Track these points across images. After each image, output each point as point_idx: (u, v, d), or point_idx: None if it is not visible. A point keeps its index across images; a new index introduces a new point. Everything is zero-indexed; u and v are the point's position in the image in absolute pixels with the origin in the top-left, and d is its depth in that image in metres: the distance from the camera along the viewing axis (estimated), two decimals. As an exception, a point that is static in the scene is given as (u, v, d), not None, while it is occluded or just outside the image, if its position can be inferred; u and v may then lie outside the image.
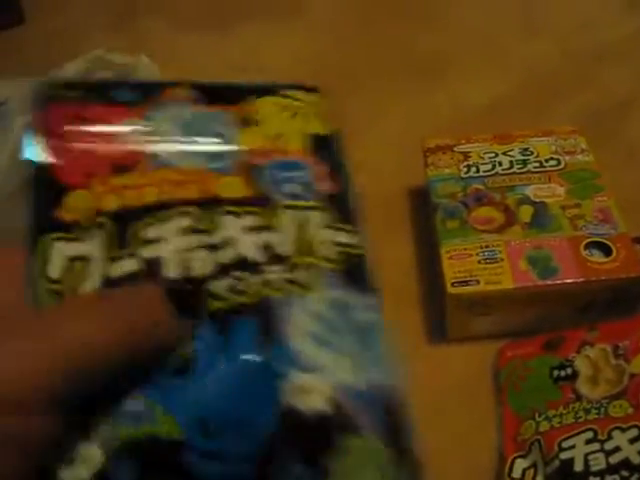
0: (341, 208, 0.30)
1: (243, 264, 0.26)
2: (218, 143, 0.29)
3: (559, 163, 0.62)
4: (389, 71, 0.84)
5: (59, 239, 0.26)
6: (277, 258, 0.27)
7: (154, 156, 0.28)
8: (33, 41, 0.90)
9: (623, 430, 0.44)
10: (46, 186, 0.27)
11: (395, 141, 0.73)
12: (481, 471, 0.49)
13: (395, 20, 0.91)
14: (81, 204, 0.26)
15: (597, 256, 0.55)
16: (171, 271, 0.25)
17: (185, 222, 0.26)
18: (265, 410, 0.24)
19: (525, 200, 0.59)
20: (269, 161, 0.29)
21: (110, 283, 0.25)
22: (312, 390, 0.24)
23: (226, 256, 0.26)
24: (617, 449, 0.44)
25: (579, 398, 0.48)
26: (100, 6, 0.98)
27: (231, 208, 0.27)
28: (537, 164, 0.62)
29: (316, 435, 0.24)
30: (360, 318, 0.27)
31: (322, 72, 0.85)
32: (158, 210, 0.26)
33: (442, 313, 0.56)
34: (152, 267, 0.25)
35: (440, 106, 0.77)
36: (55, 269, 0.25)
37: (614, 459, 0.43)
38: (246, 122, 0.30)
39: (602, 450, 0.44)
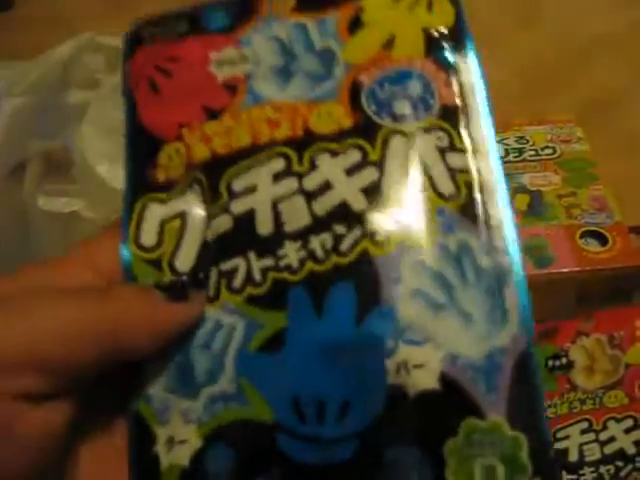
0: (467, 122, 0.25)
1: (342, 215, 0.23)
2: (321, 64, 0.25)
3: (555, 152, 0.62)
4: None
5: (153, 200, 0.24)
6: (382, 202, 0.23)
7: (249, 91, 0.25)
8: (22, 25, 0.89)
9: (618, 420, 0.44)
10: (142, 142, 0.25)
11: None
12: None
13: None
14: (174, 160, 0.25)
15: (593, 245, 0.54)
16: (264, 227, 0.23)
17: (279, 165, 0.24)
18: (369, 390, 0.21)
19: (521, 188, 0.59)
20: (375, 76, 0.25)
21: (206, 248, 0.23)
22: (422, 365, 0.21)
23: (323, 205, 0.23)
24: (612, 439, 0.43)
25: (574, 388, 0.48)
26: (91, -9, 0.97)
27: (329, 145, 0.24)
28: (533, 152, 0.62)
29: (428, 418, 0.21)
30: (485, 264, 0.23)
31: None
32: (250, 154, 0.24)
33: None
34: (244, 224, 0.23)
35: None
36: (149, 234, 0.24)
37: (609, 449, 0.43)
38: (353, 27, 0.26)
39: (597, 440, 0.44)
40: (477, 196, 0.24)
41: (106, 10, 0.93)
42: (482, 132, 0.25)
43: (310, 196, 0.23)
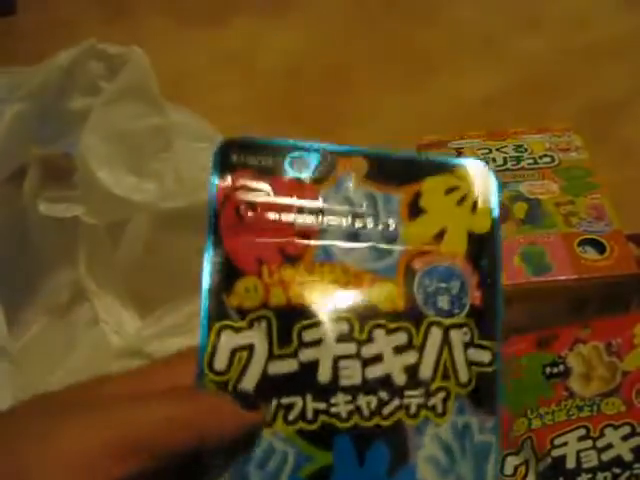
0: (484, 322, 0.30)
1: (387, 384, 0.28)
2: (384, 238, 0.30)
3: (553, 160, 0.62)
4: (384, 67, 0.83)
5: (226, 327, 0.28)
6: (417, 382, 0.29)
7: (321, 246, 0.29)
8: (25, 32, 0.90)
9: (615, 427, 0.44)
10: (221, 265, 0.29)
11: (389, 137, 0.73)
12: (472, 468, 0.48)
13: (390, 16, 0.91)
14: (251, 293, 0.28)
15: (591, 253, 0.54)
16: (324, 376, 0.28)
17: (343, 328, 0.29)
18: None
19: (519, 197, 0.59)
20: (427, 268, 0.30)
21: (268, 380, 0.28)
22: None
23: (374, 372, 0.28)
24: (609, 446, 0.43)
25: (571, 395, 0.48)
26: (93, -2, 0.97)
27: (385, 322, 0.29)
28: (531, 161, 0.62)
29: None
30: (477, 440, 0.29)
31: (316, 67, 0.85)
32: (320, 311, 0.29)
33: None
34: (308, 370, 0.28)
35: (435, 102, 0.77)
36: (221, 361, 0.28)
37: (606, 456, 0.43)
38: (413, 211, 0.30)
39: (594, 447, 0.44)
40: (483, 386, 0.30)
41: (107, 17, 0.94)
42: (494, 329, 0.30)
43: (364, 362, 0.28)
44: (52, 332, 0.57)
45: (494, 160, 0.62)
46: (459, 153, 0.64)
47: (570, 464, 0.44)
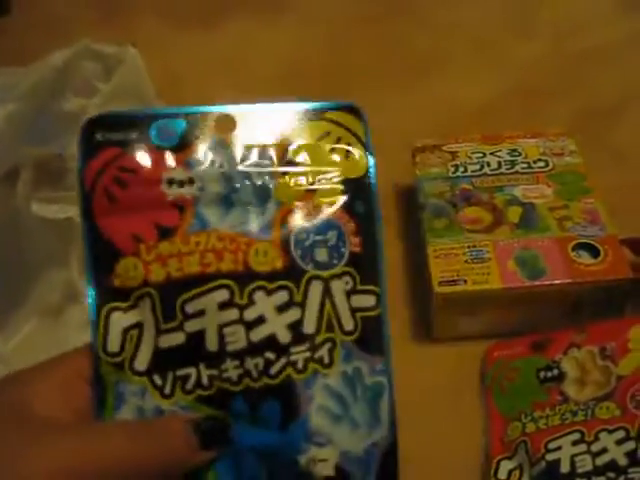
0: (365, 267, 0.31)
1: (272, 344, 0.29)
2: (257, 198, 0.30)
3: (547, 164, 0.62)
4: (379, 70, 0.83)
5: (115, 309, 0.29)
6: (302, 337, 0.30)
7: (196, 215, 0.30)
8: (19, 31, 0.89)
9: (610, 432, 0.44)
10: (101, 248, 0.29)
11: (385, 140, 0.73)
12: (466, 472, 0.48)
13: (386, 20, 0.91)
14: (131, 272, 0.29)
15: (585, 257, 0.54)
16: (211, 345, 0.29)
17: (224, 296, 0.29)
18: (286, 477, 0.29)
19: (513, 201, 0.59)
20: (302, 222, 0.30)
21: (161, 354, 0.29)
22: (324, 460, 0.29)
23: (258, 335, 0.29)
24: (604, 451, 0.43)
25: (566, 400, 0.48)
26: (87, -1, 0.97)
27: (265, 283, 0.29)
28: (525, 165, 0.62)
29: None
30: (369, 383, 0.30)
31: (311, 69, 0.85)
32: (199, 283, 0.29)
33: (429, 313, 0.55)
34: (196, 340, 0.29)
35: (431, 106, 0.77)
36: (114, 342, 0.29)
37: (601, 461, 0.43)
38: (286, 163, 0.31)
39: (589, 452, 0.44)
40: (369, 330, 0.31)
41: (101, 18, 0.93)
42: (377, 272, 0.31)
43: (248, 326, 0.29)
44: (44, 333, 0.56)
45: (488, 164, 0.62)
46: (454, 156, 0.64)
47: (564, 468, 0.44)
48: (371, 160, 0.32)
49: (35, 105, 0.53)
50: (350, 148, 0.31)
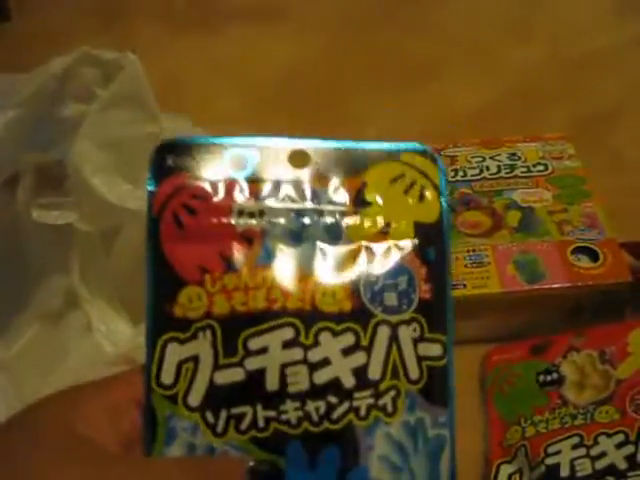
0: (433, 315, 0.30)
1: (336, 388, 0.28)
2: (328, 236, 0.29)
3: (546, 168, 0.62)
4: (378, 76, 0.84)
5: (172, 340, 0.28)
6: (366, 383, 0.29)
7: (264, 248, 0.29)
8: (19, 38, 0.90)
9: (609, 436, 0.44)
10: (164, 276, 0.28)
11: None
12: (466, 476, 0.48)
13: (385, 25, 0.91)
14: (195, 303, 0.28)
15: (584, 261, 0.54)
16: (271, 384, 0.28)
17: (288, 335, 0.28)
18: None
19: (513, 205, 0.59)
20: (373, 267, 0.29)
21: (216, 390, 0.28)
22: None
23: (322, 377, 0.28)
24: (603, 454, 0.43)
25: (565, 403, 0.48)
26: (88, 5, 0.97)
27: (331, 325, 0.29)
28: (524, 169, 0.62)
29: None
30: (431, 435, 0.29)
31: (309, 74, 0.85)
32: (264, 319, 0.28)
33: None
34: (255, 378, 0.28)
35: (430, 111, 0.77)
36: (168, 374, 0.28)
37: (600, 464, 0.43)
38: (358, 203, 0.30)
39: (588, 456, 0.44)
40: (435, 380, 0.29)
41: (101, 24, 0.94)
42: (446, 321, 0.30)
43: (312, 367, 0.28)
44: (45, 339, 0.56)
45: (488, 168, 0.63)
46: (453, 161, 0.64)
47: (564, 472, 0.44)
48: (445, 205, 0.31)
49: (35, 111, 0.53)
50: (424, 192, 0.31)
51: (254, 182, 0.29)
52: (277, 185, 0.29)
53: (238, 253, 0.29)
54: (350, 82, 0.83)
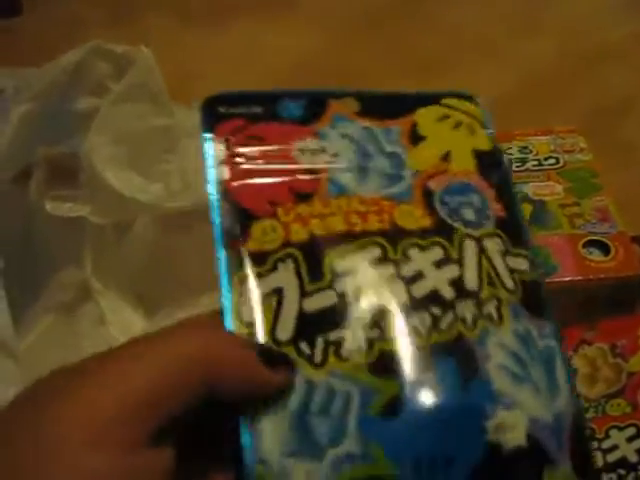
0: (511, 232, 0.30)
1: (436, 299, 0.27)
2: (392, 166, 0.29)
3: (558, 161, 0.62)
4: (387, 69, 0.83)
5: (248, 276, 0.26)
6: (466, 293, 0.27)
7: (332, 181, 0.28)
8: (31, 32, 0.90)
9: (620, 429, 0.44)
10: (232, 214, 0.27)
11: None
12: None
13: (393, 19, 0.91)
14: (270, 235, 0.26)
15: (596, 254, 0.54)
16: (367, 303, 0.26)
17: (376, 253, 0.27)
18: (472, 447, 0.25)
19: (524, 198, 0.59)
20: (444, 186, 0.29)
21: (308, 319, 0.25)
22: (513, 426, 0.25)
23: (419, 290, 0.27)
24: (614, 448, 0.43)
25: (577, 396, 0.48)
26: (98, -1, 0.97)
27: (417, 240, 0.27)
28: (536, 162, 0.62)
29: (518, 469, 0.25)
30: (541, 346, 0.28)
31: (317, 68, 0.85)
32: (347, 240, 0.27)
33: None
34: (349, 300, 0.26)
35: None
36: (250, 313, 0.25)
37: (611, 457, 0.43)
38: (414, 138, 0.30)
39: (599, 449, 0.44)
40: (529, 292, 0.29)
41: (112, 18, 0.94)
42: (524, 238, 0.30)
43: (407, 281, 0.27)
44: (57, 332, 0.57)
45: (499, 161, 0.63)
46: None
47: (575, 465, 0.44)
48: (494, 137, 0.31)
49: (48, 105, 0.53)
50: (473, 127, 0.31)
51: (309, 123, 0.29)
52: (332, 125, 0.29)
53: (307, 187, 0.28)
54: (358, 75, 0.83)
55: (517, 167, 0.62)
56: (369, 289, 0.26)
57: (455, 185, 0.29)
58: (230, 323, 0.25)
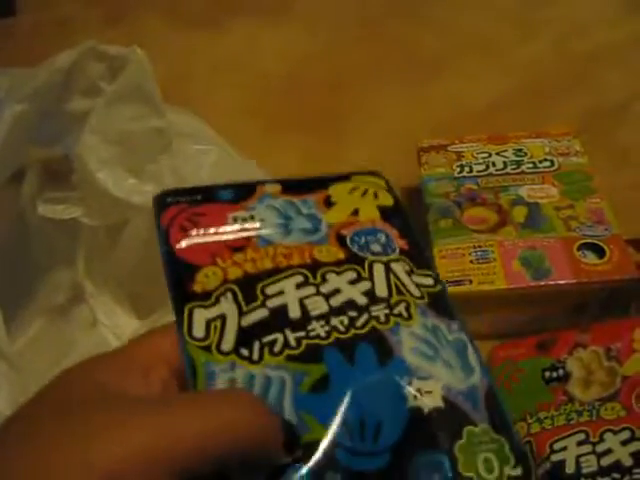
0: (415, 259, 0.35)
1: (352, 306, 0.32)
2: (310, 223, 0.35)
3: (553, 164, 0.62)
4: (385, 71, 0.83)
5: (196, 307, 0.31)
6: (378, 299, 0.32)
7: (260, 237, 0.34)
8: (25, 33, 0.90)
9: (615, 432, 0.44)
10: (178, 268, 0.32)
11: (390, 140, 0.73)
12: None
13: (391, 20, 0.91)
14: (211, 278, 0.32)
15: (590, 257, 0.54)
16: (294, 313, 0.31)
17: (299, 279, 0.32)
18: (396, 412, 0.29)
19: (519, 200, 0.59)
20: (352, 231, 0.35)
21: (245, 331, 0.30)
22: (429, 392, 0.30)
23: (337, 301, 0.32)
24: (609, 451, 0.43)
25: (571, 400, 0.48)
26: (93, 0, 0.97)
27: (334, 268, 0.33)
28: (531, 165, 0.62)
29: (440, 428, 0.29)
30: (451, 338, 0.32)
31: (315, 70, 0.85)
32: (275, 273, 0.32)
33: (434, 313, 0.55)
34: (279, 312, 0.31)
35: (437, 107, 0.77)
36: (199, 330, 0.30)
37: (605, 461, 0.43)
38: (327, 204, 0.36)
39: (594, 452, 0.44)
40: (435, 300, 0.33)
41: (107, 19, 0.94)
42: (427, 263, 0.35)
43: (326, 296, 0.32)
44: (50, 333, 0.56)
45: (494, 164, 0.62)
46: (459, 156, 0.64)
47: (569, 469, 0.44)
48: (395, 198, 0.37)
49: (41, 106, 0.53)
50: (378, 193, 0.37)
51: (239, 202, 0.35)
52: (260, 200, 0.36)
53: (240, 242, 0.34)
54: (356, 77, 0.83)
55: (512, 169, 0.62)
56: (294, 304, 0.31)
57: (363, 229, 0.35)
58: (184, 337, 0.30)
